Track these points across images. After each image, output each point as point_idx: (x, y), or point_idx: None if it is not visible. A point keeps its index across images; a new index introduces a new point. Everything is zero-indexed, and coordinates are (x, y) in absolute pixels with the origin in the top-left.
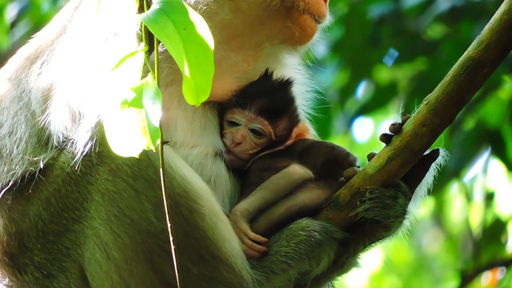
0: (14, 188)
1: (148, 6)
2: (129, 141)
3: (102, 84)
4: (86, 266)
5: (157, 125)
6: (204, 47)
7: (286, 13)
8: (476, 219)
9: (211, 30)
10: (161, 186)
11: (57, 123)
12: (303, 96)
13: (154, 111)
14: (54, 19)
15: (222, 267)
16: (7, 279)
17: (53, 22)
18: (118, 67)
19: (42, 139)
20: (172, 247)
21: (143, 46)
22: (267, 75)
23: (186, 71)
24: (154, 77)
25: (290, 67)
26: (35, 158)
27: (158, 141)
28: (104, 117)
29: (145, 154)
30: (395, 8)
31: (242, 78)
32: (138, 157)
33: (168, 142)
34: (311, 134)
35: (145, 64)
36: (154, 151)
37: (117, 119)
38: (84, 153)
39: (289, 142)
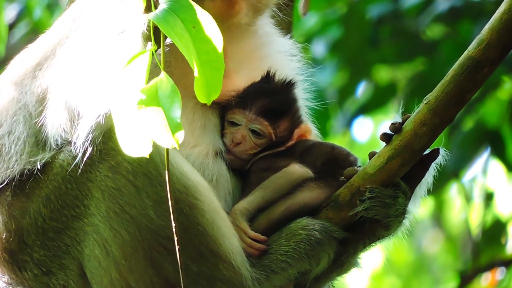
0: (14, 184)
1: (155, 6)
2: (141, 141)
3: (106, 83)
4: (86, 263)
5: (179, 121)
6: (213, 45)
7: None
8: (476, 220)
9: None
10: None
11: (55, 125)
12: (303, 90)
13: (174, 108)
14: (56, 23)
15: (222, 265)
16: (6, 276)
17: (54, 25)
18: (127, 66)
19: (40, 139)
20: (177, 247)
21: (150, 45)
22: (268, 76)
23: (196, 70)
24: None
25: (284, 54)
26: (33, 159)
27: (181, 137)
28: (113, 117)
29: None
30: (394, 8)
31: (237, 73)
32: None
33: None
34: (314, 134)
35: (151, 64)
36: (178, 149)
37: (128, 119)
38: (84, 152)
39: (291, 143)
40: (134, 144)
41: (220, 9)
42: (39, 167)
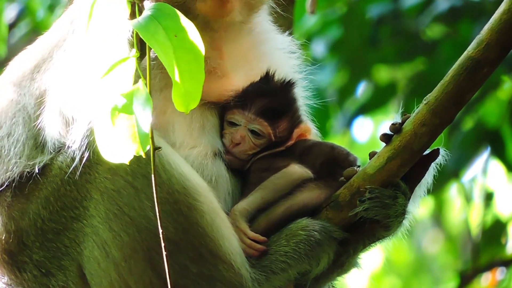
0: (13, 185)
1: (140, 12)
2: (119, 147)
3: (93, 90)
4: (85, 264)
5: (147, 131)
6: (195, 53)
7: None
8: (476, 220)
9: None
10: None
11: (51, 129)
12: (302, 88)
13: (144, 117)
14: (54, 25)
15: (221, 265)
16: (6, 278)
17: (53, 27)
18: (109, 73)
19: (39, 142)
20: (164, 253)
21: (134, 52)
22: (268, 76)
23: (176, 78)
24: (146, 83)
25: (283, 52)
26: (32, 161)
27: (148, 147)
28: (94, 123)
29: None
30: (394, 8)
31: (234, 73)
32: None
33: (160, 148)
34: (313, 134)
35: (136, 70)
36: (144, 157)
37: (107, 125)
38: (82, 154)
39: (290, 143)
40: (113, 150)
41: (212, 9)
42: (38, 170)
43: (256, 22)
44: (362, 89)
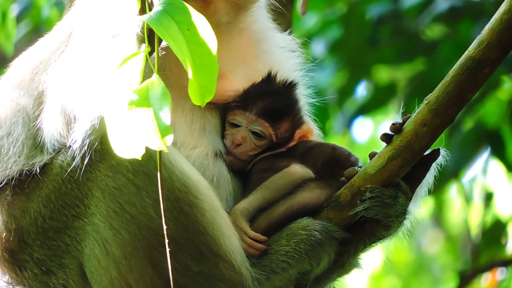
0: (13, 184)
1: (150, 8)
2: (133, 143)
3: (101, 85)
4: (86, 262)
5: (168, 123)
6: (207, 47)
7: None
8: (476, 220)
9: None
10: (161, 181)
11: (51, 130)
12: (303, 86)
13: (164, 110)
14: (57, 25)
15: (222, 264)
16: (7, 276)
17: (55, 28)
18: (121, 67)
19: (38, 142)
20: (167, 250)
21: (144, 47)
22: (270, 77)
23: (190, 72)
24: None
25: (283, 50)
26: (32, 161)
27: (170, 141)
28: (106, 118)
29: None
30: (394, 8)
31: (233, 73)
32: None
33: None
34: (315, 134)
35: (146, 65)
36: (167, 151)
37: (121, 121)
38: (83, 153)
39: (292, 144)
40: (126, 146)
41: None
42: (38, 169)
43: (251, 22)
44: (362, 89)
